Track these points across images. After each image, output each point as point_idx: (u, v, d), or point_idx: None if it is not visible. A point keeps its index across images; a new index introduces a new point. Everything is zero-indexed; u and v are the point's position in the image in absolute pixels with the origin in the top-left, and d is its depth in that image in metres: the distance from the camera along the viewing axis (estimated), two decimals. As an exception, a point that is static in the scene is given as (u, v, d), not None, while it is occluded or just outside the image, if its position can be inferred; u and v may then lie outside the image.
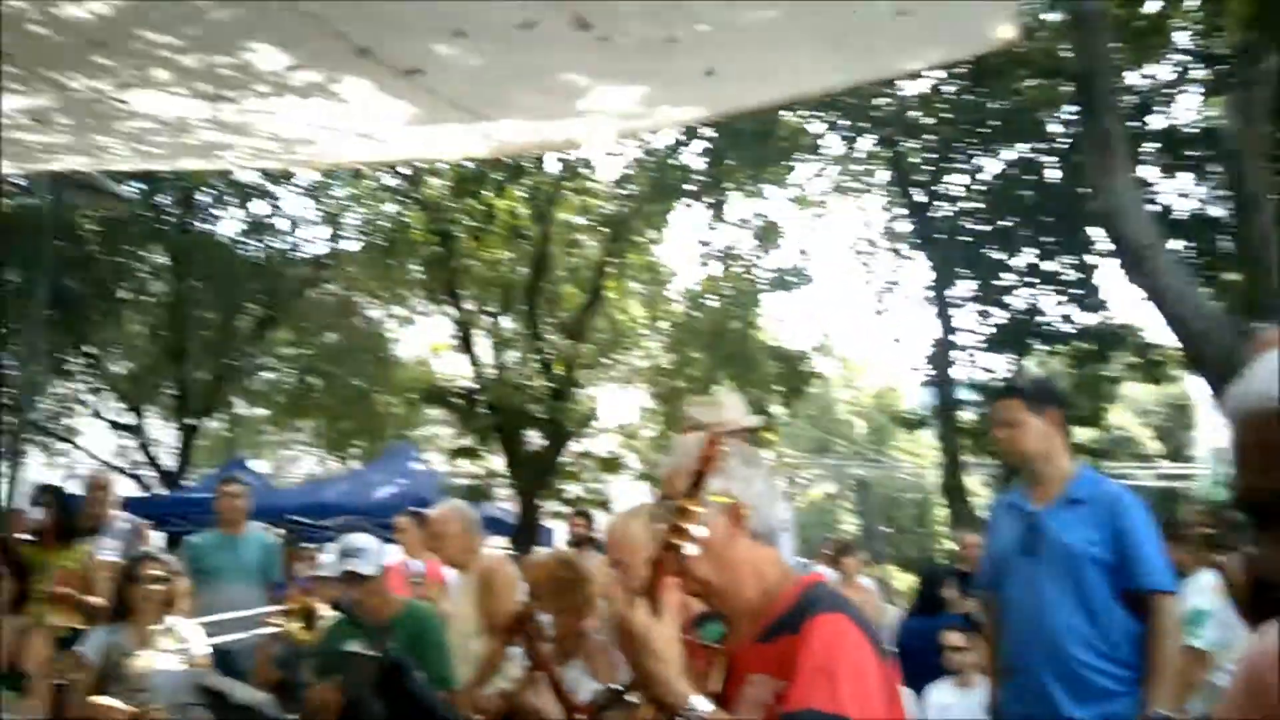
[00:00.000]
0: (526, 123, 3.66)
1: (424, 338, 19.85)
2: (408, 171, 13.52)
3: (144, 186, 14.37)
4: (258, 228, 16.92)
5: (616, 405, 17.42)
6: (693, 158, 13.30)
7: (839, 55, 2.95)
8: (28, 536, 4.82)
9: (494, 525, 11.02)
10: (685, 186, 13.29)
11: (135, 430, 16.89)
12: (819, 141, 14.30)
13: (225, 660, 4.84)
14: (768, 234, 14.87)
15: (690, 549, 1.55)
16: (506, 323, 14.33)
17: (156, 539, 6.52)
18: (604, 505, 13.50)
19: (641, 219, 13.40)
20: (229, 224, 17.07)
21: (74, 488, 6.51)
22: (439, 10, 2.55)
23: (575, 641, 3.19)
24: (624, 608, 1.58)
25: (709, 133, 12.39)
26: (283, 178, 15.69)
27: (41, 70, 3.26)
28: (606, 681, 3.22)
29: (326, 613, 4.70)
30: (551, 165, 13.24)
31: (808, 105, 11.66)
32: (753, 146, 12.21)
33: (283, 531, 6.81)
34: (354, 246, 17.54)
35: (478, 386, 13.29)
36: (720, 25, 2.48)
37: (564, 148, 8.67)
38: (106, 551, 5.24)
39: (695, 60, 2.69)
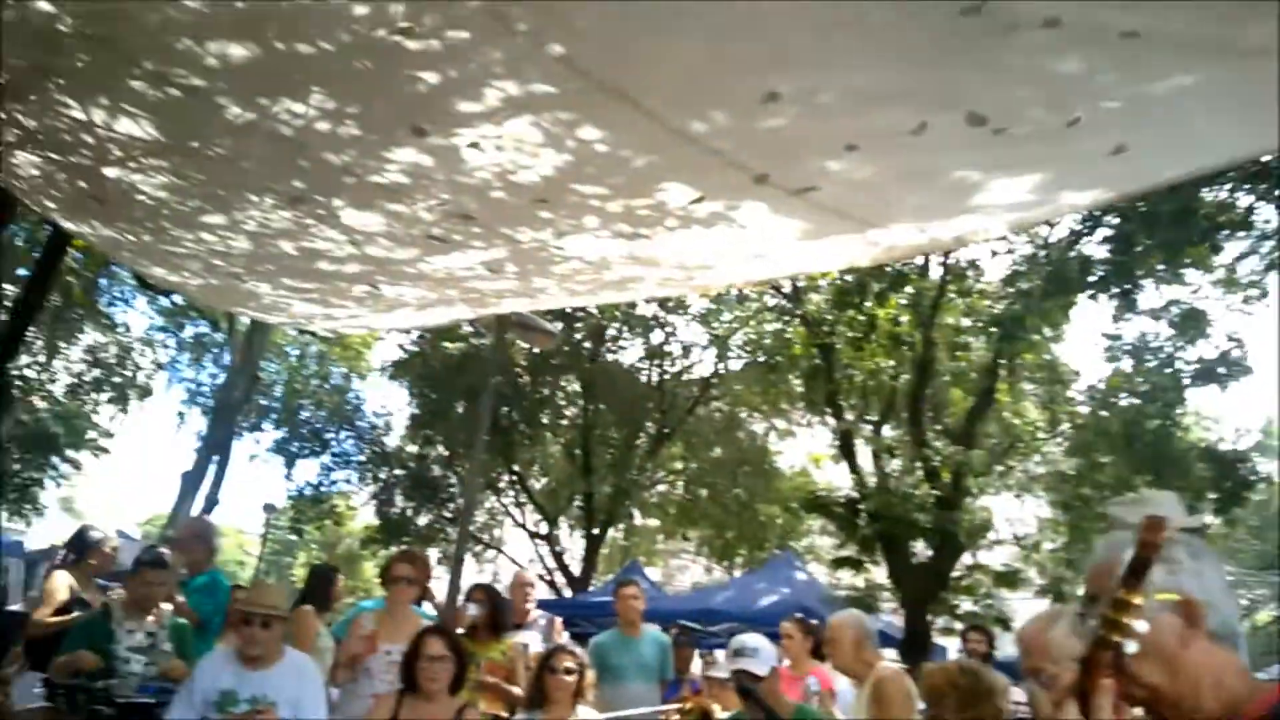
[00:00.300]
0: (913, 226, 3.68)
1: (804, 449, 20.12)
2: (788, 289, 14.03)
3: (560, 323, 16.39)
4: (654, 354, 18.45)
5: (1013, 515, 16.20)
6: (1094, 247, 12.30)
7: (1274, 114, 2.66)
8: (462, 630, 5.37)
9: (879, 638, 10.60)
10: (1087, 278, 12.27)
11: (549, 539, 18.79)
12: (1250, 215, 12.54)
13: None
14: (1190, 323, 13.22)
15: (1131, 647, 1.40)
16: (888, 431, 14.06)
17: (564, 638, 7.09)
18: (1003, 622, 12.48)
19: (1036, 316, 12.58)
20: (630, 353, 18.84)
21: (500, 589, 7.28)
22: (833, 129, 2.70)
23: None
24: (1054, 710, 1.46)
25: (1114, 219, 11.41)
26: (677, 307, 17.07)
27: (499, 228, 3.93)
28: None
29: (721, 714, 4.78)
30: (935, 269, 13.00)
31: (1235, 176, 10.32)
32: (1168, 228, 10.99)
33: (674, 633, 7.11)
34: (737, 365, 18.47)
35: (859, 495, 13.07)
36: (1131, 100, 2.36)
37: (953, 247, 8.50)
38: (529, 645, 5.79)
39: (1101, 139, 2.56)
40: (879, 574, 13.48)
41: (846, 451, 13.72)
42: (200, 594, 5.30)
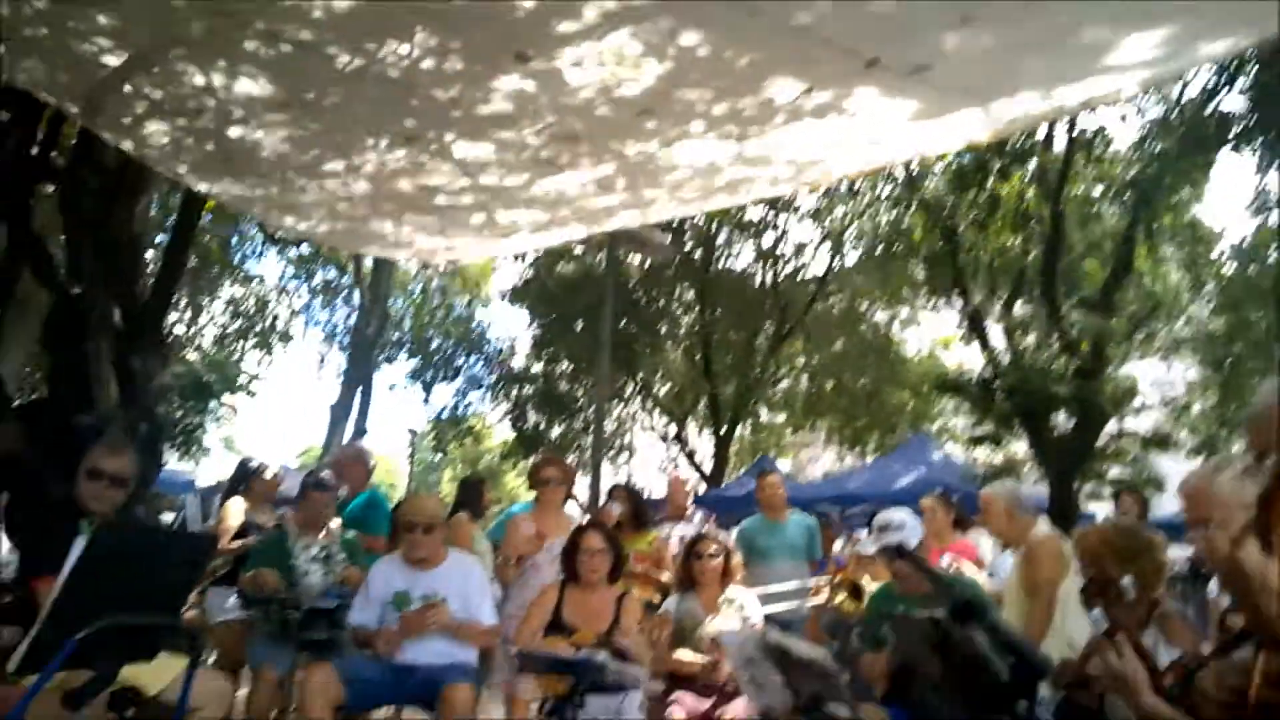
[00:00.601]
0: (1036, 94, 3.48)
1: (930, 333, 19.66)
2: (901, 176, 13.52)
3: (669, 235, 16.30)
4: (766, 256, 18.24)
5: (1160, 379, 15.57)
6: (1234, 99, 11.30)
7: None
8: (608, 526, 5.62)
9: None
10: (1227, 134, 11.33)
11: (678, 440, 19.17)
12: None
13: (778, 628, 5.28)
14: (1340, 168, 12.12)
15: None
16: (1020, 308, 13.56)
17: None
18: (1156, 484, 12.12)
19: (1174, 177, 11.74)
20: (742, 258, 18.69)
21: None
22: (946, 3, 2.57)
23: (1147, 609, 3.02)
24: (1231, 548, 1.45)
25: (1253, 68, 10.43)
26: (786, 206, 16.72)
27: (607, 143, 3.92)
28: (1185, 648, 3.01)
29: (871, 586, 4.87)
30: (1059, 141, 12.24)
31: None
32: (1313, 72, 10.00)
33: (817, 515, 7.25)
34: (853, 259, 18.10)
35: (993, 373, 12.73)
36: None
37: (1080, 111, 7.96)
38: (683, 535, 5.98)
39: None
40: (1018, 448, 13.23)
41: (977, 331, 13.33)
42: (363, 510, 5.72)
